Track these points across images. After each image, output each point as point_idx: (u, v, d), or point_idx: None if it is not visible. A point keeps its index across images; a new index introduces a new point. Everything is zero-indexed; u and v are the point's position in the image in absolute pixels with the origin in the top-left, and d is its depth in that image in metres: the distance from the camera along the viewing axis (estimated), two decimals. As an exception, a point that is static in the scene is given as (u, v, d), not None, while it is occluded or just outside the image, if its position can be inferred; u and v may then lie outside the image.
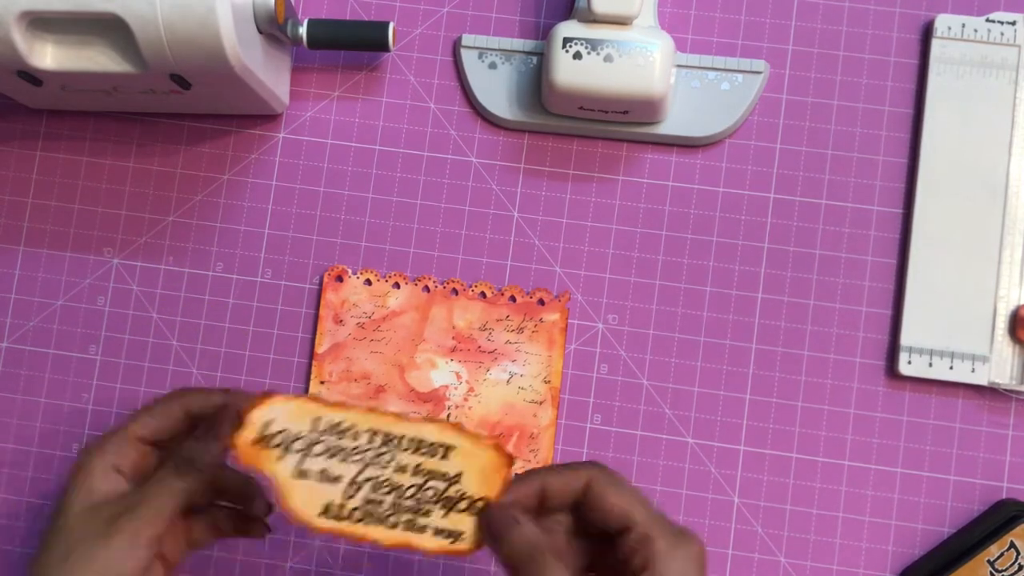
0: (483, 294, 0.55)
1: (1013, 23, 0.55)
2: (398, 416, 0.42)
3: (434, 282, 0.55)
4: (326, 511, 0.41)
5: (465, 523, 0.42)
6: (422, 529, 0.42)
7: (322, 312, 0.55)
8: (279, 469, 0.41)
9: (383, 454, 0.42)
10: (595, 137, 0.56)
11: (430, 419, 0.43)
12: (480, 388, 0.55)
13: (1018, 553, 0.51)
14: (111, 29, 0.47)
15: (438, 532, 0.42)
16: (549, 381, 0.55)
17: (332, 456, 0.42)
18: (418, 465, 0.42)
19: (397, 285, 0.55)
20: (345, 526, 0.41)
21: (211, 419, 0.43)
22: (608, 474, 0.41)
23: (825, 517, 0.53)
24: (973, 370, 0.53)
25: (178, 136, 0.58)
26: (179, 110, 0.56)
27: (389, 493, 0.42)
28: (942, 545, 0.53)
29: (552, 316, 0.55)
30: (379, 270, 0.56)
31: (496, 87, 0.56)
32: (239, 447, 0.41)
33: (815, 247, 0.55)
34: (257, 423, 0.42)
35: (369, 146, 0.57)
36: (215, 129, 0.57)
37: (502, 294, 0.55)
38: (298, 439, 0.42)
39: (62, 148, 0.58)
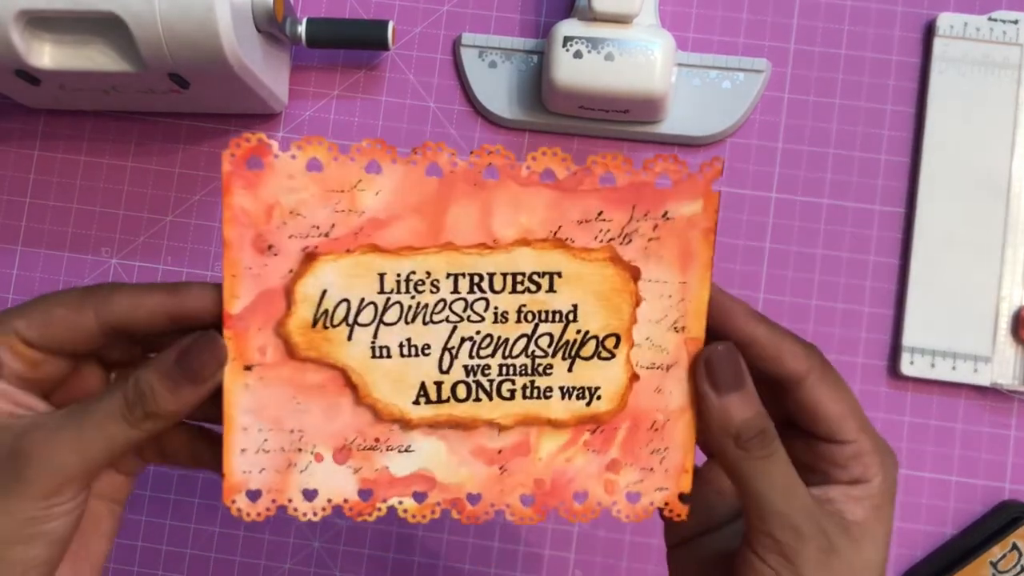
0: (550, 172, 0.32)
1: (1015, 22, 0.54)
2: (481, 246, 0.32)
3: (451, 156, 0.32)
4: (422, 395, 0.32)
5: (599, 374, 0.33)
6: (547, 393, 0.32)
7: (228, 232, 0.31)
8: (350, 353, 0.32)
9: (475, 303, 0.32)
10: (596, 136, 0.56)
11: (522, 240, 0.32)
12: None
13: (1020, 554, 0.51)
14: (109, 28, 0.46)
15: (567, 393, 0.33)
16: (683, 328, 0.33)
17: (412, 320, 0.32)
18: (520, 307, 0.32)
19: (376, 166, 0.31)
20: (451, 409, 0.32)
21: (187, 347, 0.31)
22: (826, 369, 0.33)
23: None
24: (976, 370, 0.53)
25: (176, 135, 0.57)
26: (178, 109, 0.55)
27: (494, 353, 0.32)
28: (944, 546, 0.53)
29: (689, 207, 0.32)
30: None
31: (496, 86, 0.55)
32: (295, 336, 0.31)
33: (817, 247, 0.55)
34: (311, 297, 0.31)
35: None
36: (214, 128, 0.57)
37: (589, 170, 0.32)
38: (365, 307, 0.32)
39: (60, 148, 0.58)
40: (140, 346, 0.34)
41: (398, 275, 0.31)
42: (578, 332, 0.32)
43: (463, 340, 0.32)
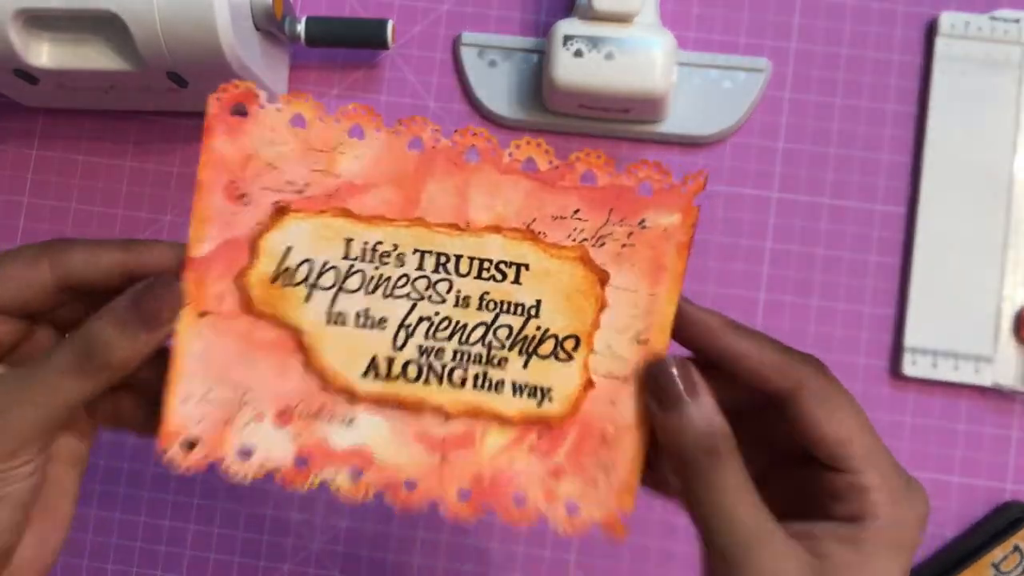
0: (531, 162, 0.32)
1: (1017, 21, 0.54)
2: (452, 227, 0.32)
3: (434, 132, 0.32)
4: (372, 367, 0.32)
5: (554, 375, 0.32)
6: (498, 386, 0.32)
7: (204, 175, 0.31)
8: (305, 314, 0.31)
9: (438, 283, 0.32)
10: (596, 136, 0.56)
11: (494, 227, 0.32)
12: None
13: (1022, 556, 0.51)
14: (108, 27, 0.46)
15: (519, 389, 0.32)
16: (646, 341, 0.32)
17: (373, 291, 0.32)
18: (483, 295, 0.32)
19: (359, 131, 0.32)
20: (398, 388, 0.32)
21: (142, 290, 0.29)
22: (824, 384, 0.30)
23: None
24: (977, 371, 0.52)
25: (175, 134, 0.57)
26: (177, 108, 0.55)
27: (450, 337, 0.32)
28: (946, 548, 0.53)
29: (667, 218, 0.32)
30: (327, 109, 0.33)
31: (496, 85, 0.55)
32: (254, 288, 0.31)
33: (818, 246, 0.54)
34: (275, 252, 0.31)
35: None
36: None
37: (571, 166, 0.32)
38: (327, 270, 0.31)
39: (58, 147, 0.57)
40: (94, 306, 0.31)
41: (365, 243, 0.31)
42: (538, 328, 0.32)
43: (421, 319, 0.32)
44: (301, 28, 0.53)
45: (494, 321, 0.32)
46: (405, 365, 0.32)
